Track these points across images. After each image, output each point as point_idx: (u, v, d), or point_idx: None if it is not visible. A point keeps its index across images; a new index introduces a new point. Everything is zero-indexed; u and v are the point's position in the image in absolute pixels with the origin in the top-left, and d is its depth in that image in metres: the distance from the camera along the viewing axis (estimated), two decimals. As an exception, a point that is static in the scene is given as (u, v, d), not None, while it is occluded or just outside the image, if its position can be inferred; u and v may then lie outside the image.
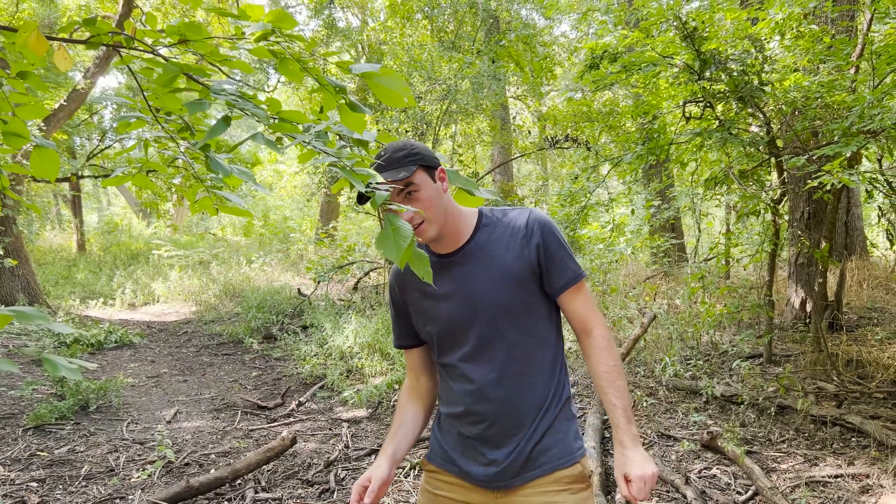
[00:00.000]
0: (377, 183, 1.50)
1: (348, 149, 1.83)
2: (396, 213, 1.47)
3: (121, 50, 1.89)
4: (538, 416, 1.76)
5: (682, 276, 8.08)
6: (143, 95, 2.14)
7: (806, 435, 4.17)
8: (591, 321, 1.80)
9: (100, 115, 17.46)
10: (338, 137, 1.95)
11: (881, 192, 4.32)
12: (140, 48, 1.79)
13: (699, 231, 6.49)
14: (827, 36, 4.65)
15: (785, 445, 4.07)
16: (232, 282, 11.76)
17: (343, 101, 1.80)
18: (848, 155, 3.27)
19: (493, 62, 8.13)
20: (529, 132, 10.56)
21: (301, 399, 5.81)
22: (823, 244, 4.65)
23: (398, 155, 1.72)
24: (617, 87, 5.15)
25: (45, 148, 2.01)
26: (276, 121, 1.78)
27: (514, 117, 12.29)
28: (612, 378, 1.76)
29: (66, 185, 18.19)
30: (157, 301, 11.79)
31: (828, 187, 4.13)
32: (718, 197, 5.60)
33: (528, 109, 12.88)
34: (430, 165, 1.74)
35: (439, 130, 8.63)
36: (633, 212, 5.88)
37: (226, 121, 1.56)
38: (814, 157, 3.56)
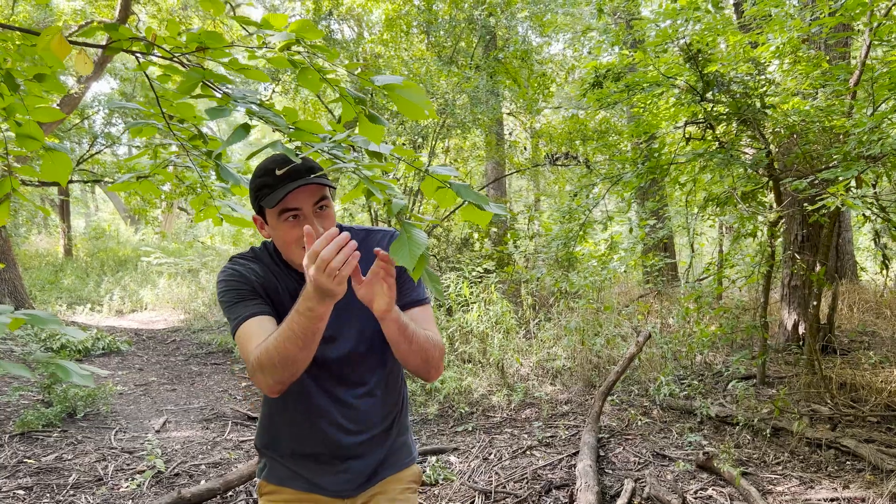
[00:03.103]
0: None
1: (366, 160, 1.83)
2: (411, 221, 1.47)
3: (138, 56, 1.88)
4: None
5: (675, 296, 8.12)
6: (158, 102, 2.13)
7: (801, 457, 4.17)
8: None
9: (90, 121, 17.38)
10: (351, 148, 1.95)
11: (876, 215, 4.37)
12: (160, 55, 1.78)
13: (692, 251, 6.53)
14: (824, 61, 4.71)
15: (780, 467, 4.07)
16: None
17: (363, 111, 1.80)
18: (851, 178, 3.31)
19: (491, 77, 8.17)
20: (525, 148, 10.60)
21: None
22: (819, 267, 4.69)
23: (312, 164, 1.65)
24: (611, 107, 5.19)
25: (56, 151, 1.99)
26: (292, 130, 1.77)
27: (510, 133, 12.34)
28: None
29: (54, 190, 18.05)
30: (146, 308, 11.68)
31: (823, 211, 4.18)
32: (714, 218, 5.64)
33: (523, 126, 12.95)
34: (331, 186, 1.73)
35: (436, 144, 8.65)
36: (630, 230, 5.91)
37: (245, 128, 1.55)
38: (815, 181, 3.59)
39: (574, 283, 6.54)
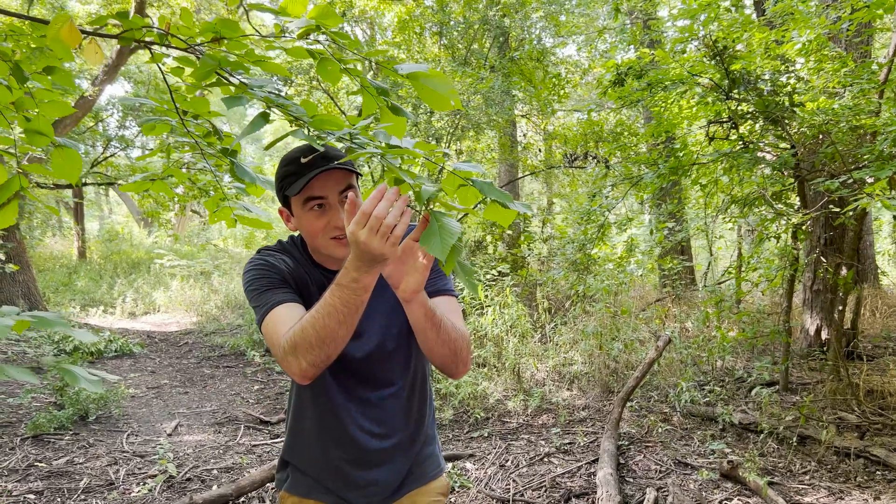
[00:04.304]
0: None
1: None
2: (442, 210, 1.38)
3: (151, 47, 1.81)
4: None
5: (693, 300, 7.98)
6: (171, 96, 2.05)
7: (829, 467, 4.05)
8: None
9: (104, 124, 17.44)
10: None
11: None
12: (173, 45, 1.70)
13: (711, 254, 6.40)
14: (850, 60, 4.59)
15: (808, 477, 3.95)
16: (234, 293, 11.64)
17: (385, 103, 1.71)
18: (886, 178, 3.20)
19: (506, 77, 8.09)
20: (540, 150, 10.50)
21: (305, 415, 5.67)
22: (845, 270, 4.56)
23: (337, 153, 1.59)
24: (633, 105, 5.08)
25: (66, 148, 1.92)
26: (311, 120, 1.70)
27: (525, 135, 12.24)
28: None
29: (69, 192, 18.13)
30: (158, 310, 11.67)
31: (850, 213, 4.05)
32: (734, 220, 5.52)
33: (537, 127, 12.86)
34: (357, 173, 1.66)
35: (450, 145, 8.57)
36: (651, 231, 5.79)
37: (264, 117, 1.47)
38: (848, 181, 3.48)
39: (591, 286, 6.43)
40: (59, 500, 3.92)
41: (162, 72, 1.89)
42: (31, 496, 3.94)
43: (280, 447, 5.01)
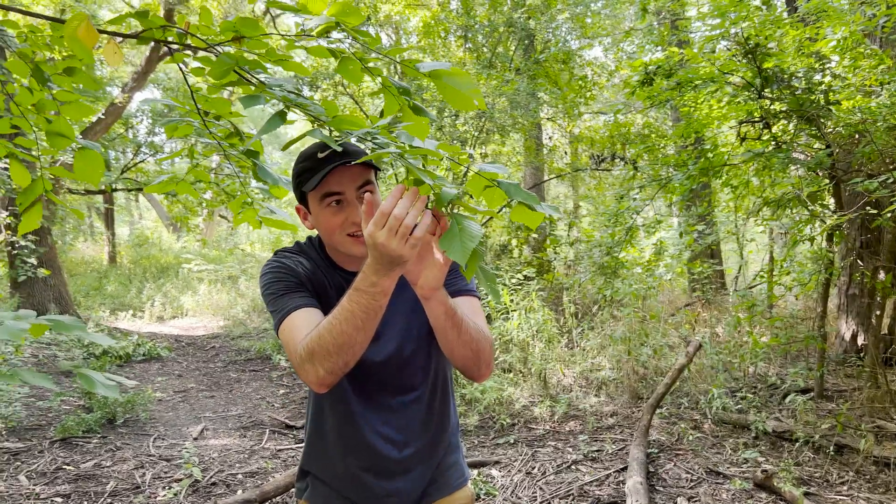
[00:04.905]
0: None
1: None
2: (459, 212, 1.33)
3: (171, 47, 1.79)
4: None
5: (723, 305, 7.82)
6: (193, 97, 2.04)
7: (867, 477, 3.91)
8: None
9: (134, 130, 17.72)
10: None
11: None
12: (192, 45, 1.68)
13: (742, 258, 6.26)
14: (887, 57, 4.45)
15: (845, 488, 3.81)
16: (260, 297, 11.68)
17: (407, 103, 1.67)
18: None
19: (532, 79, 8.02)
20: (566, 153, 10.41)
21: (330, 419, 5.65)
22: (884, 274, 4.41)
23: (355, 148, 1.55)
24: (662, 105, 4.98)
25: (89, 150, 1.90)
26: (331, 119, 1.66)
27: (550, 138, 12.15)
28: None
29: (100, 198, 18.44)
30: (186, 315, 11.78)
31: (889, 214, 3.92)
32: (766, 223, 5.39)
33: (563, 130, 12.76)
34: (376, 168, 1.61)
35: (475, 148, 8.53)
36: (681, 234, 5.67)
37: (281, 115, 1.43)
38: (887, 181, 3.36)
39: (618, 290, 6.32)
40: (85, 503, 3.94)
41: (183, 72, 1.87)
42: (59, 499, 3.97)
43: (305, 452, 5.00)
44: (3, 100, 1.77)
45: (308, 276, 1.60)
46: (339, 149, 1.30)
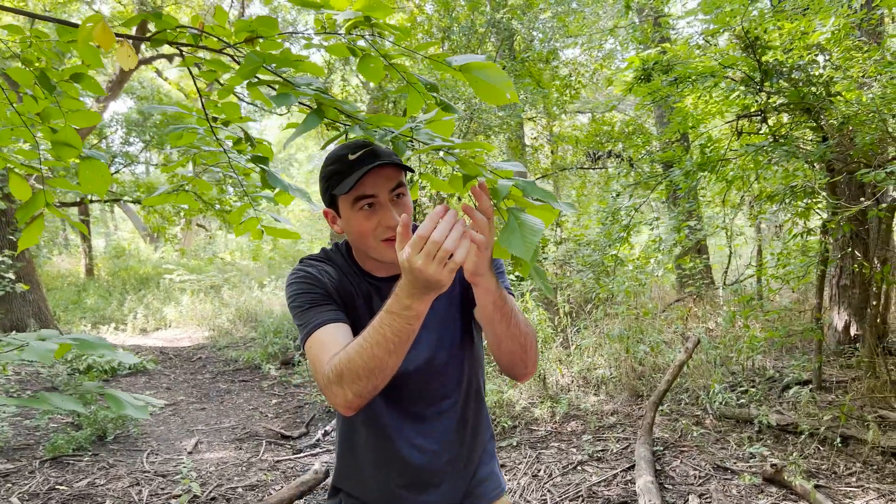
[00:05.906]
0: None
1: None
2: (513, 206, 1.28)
3: (183, 49, 1.71)
4: None
5: (713, 299, 7.85)
6: (202, 102, 1.96)
7: (875, 468, 3.91)
8: None
9: (108, 140, 17.39)
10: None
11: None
12: (208, 46, 1.60)
13: (731, 252, 6.27)
14: (875, 49, 4.48)
15: (854, 479, 3.81)
16: (245, 306, 11.54)
17: (434, 100, 1.61)
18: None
19: (516, 79, 7.99)
20: (552, 151, 10.40)
21: (327, 428, 5.56)
22: (879, 264, 4.43)
23: (385, 149, 1.48)
24: (654, 103, 4.97)
25: (94, 160, 1.82)
26: (365, 116, 1.60)
27: (536, 138, 12.14)
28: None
29: (74, 210, 18.07)
30: (170, 326, 11.58)
31: (884, 206, 3.94)
32: (761, 215, 5.40)
33: (544, 130, 12.76)
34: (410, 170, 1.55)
35: (461, 150, 8.46)
36: (678, 230, 5.67)
37: (319, 115, 1.37)
38: (891, 172, 3.36)
39: (608, 287, 6.30)
40: (82, 524, 3.81)
41: (192, 76, 1.79)
42: (54, 522, 3.84)
43: (303, 462, 4.90)
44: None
45: (335, 286, 1.54)
46: (385, 146, 1.23)
